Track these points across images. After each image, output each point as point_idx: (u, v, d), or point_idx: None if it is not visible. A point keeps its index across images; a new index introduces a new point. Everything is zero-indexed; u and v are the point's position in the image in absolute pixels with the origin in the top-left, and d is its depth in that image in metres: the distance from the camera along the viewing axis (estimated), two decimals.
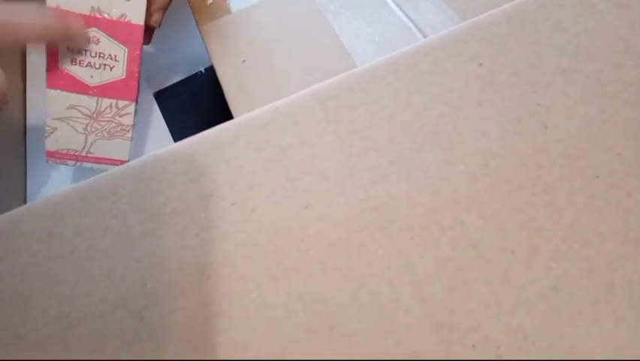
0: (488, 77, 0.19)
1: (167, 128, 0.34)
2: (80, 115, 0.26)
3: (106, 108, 0.26)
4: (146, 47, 0.38)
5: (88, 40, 0.24)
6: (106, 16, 0.24)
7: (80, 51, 0.24)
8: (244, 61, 0.26)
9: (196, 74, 0.37)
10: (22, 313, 0.18)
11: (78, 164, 0.28)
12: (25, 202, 0.32)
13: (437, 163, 0.18)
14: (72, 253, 0.18)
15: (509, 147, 0.18)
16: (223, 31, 0.28)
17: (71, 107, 0.26)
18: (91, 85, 0.25)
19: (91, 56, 0.24)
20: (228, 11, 0.28)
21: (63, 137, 0.27)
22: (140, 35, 0.25)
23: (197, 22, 0.29)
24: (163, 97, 0.36)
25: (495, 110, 0.19)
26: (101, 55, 0.24)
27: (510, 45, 0.20)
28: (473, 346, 0.16)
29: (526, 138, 0.18)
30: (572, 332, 0.16)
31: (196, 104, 0.37)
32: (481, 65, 0.20)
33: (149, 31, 0.28)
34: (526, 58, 0.19)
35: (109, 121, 0.27)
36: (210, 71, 0.37)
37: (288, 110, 0.20)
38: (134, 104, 0.26)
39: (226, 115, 0.24)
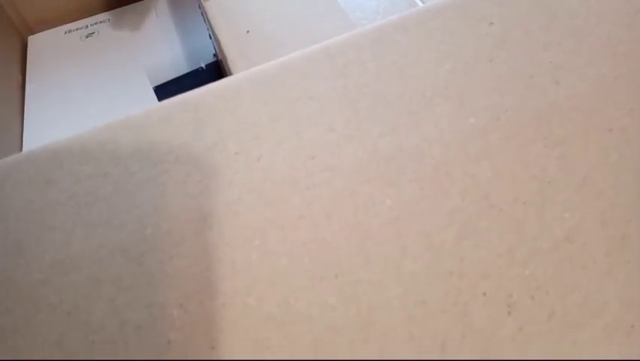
0: (499, 36, 0.19)
1: None
2: None
3: None
4: (147, 42, 0.38)
5: None
6: None
7: None
8: (248, 32, 0.26)
9: (197, 69, 0.37)
10: (14, 257, 0.17)
11: None
12: None
13: (447, 117, 0.18)
14: (70, 200, 0.18)
15: (521, 102, 0.18)
16: (227, 3, 0.28)
17: None
18: None
19: None
20: None
21: None
22: None
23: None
24: (163, 91, 0.36)
25: (506, 67, 0.19)
26: None
27: (521, 7, 0.20)
28: (484, 294, 0.15)
29: (538, 94, 0.18)
30: (586, 282, 0.15)
31: None
32: (492, 24, 0.19)
33: None
34: (538, 19, 0.19)
35: None
36: (211, 67, 0.37)
37: (297, 65, 0.20)
38: None
39: None
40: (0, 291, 0.17)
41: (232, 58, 0.25)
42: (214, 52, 0.36)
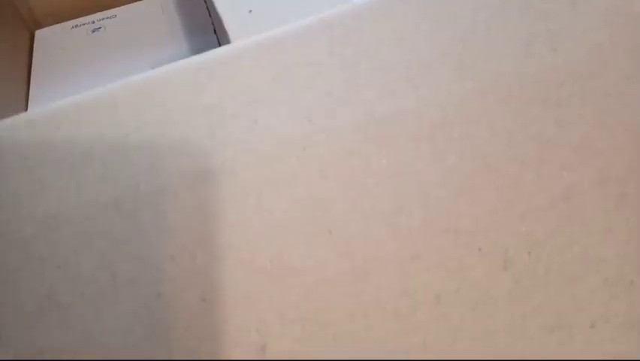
0: (498, 5, 0.19)
1: None
2: None
3: None
4: (152, 38, 0.38)
5: None
6: None
7: None
8: (250, 11, 0.26)
9: None
10: (7, 213, 0.17)
11: None
12: None
13: (445, 81, 0.18)
14: (65, 159, 0.18)
15: (519, 67, 0.18)
16: None
17: None
18: None
19: None
20: None
21: None
22: None
23: None
24: None
25: (504, 34, 0.19)
26: None
27: None
28: (479, 249, 0.15)
29: (535, 59, 0.18)
30: (585, 238, 0.15)
31: None
32: None
33: None
34: None
35: None
36: None
37: (295, 34, 0.20)
38: None
39: None
40: None
41: (234, 38, 0.25)
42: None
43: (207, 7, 0.34)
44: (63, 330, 0.15)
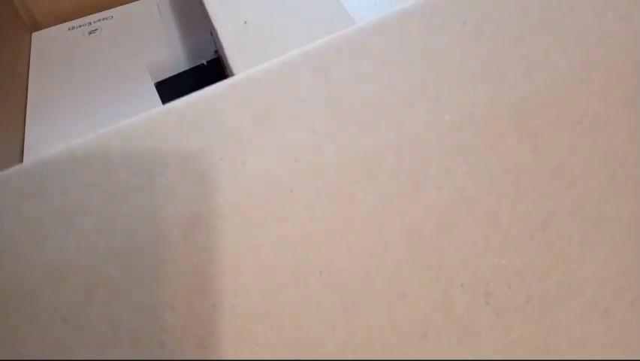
0: (473, 34, 0.20)
1: None
2: None
3: None
4: (149, 39, 0.38)
5: None
6: None
7: None
8: (245, 22, 0.27)
9: (198, 66, 0.38)
10: (10, 265, 0.18)
11: None
12: None
13: (424, 114, 0.18)
14: (61, 209, 0.18)
15: (494, 97, 0.18)
16: None
17: None
18: None
19: None
20: None
21: None
22: None
23: None
24: (164, 87, 0.36)
25: (479, 64, 0.19)
26: None
27: (494, 2, 0.20)
28: (462, 285, 0.16)
29: (510, 88, 0.18)
30: (562, 266, 0.16)
31: None
32: (465, 23, 0.20)
33: None
34: (510, 14, 0.20)
35: None
36: (213, 64, 0.37)
37: (278, 70, 0.20)
38: None
39: None
40: None
41: (229, 48, 0.26)
42: (215, 49, 0.37)
43: (201, 3, 0.34)
44: None
